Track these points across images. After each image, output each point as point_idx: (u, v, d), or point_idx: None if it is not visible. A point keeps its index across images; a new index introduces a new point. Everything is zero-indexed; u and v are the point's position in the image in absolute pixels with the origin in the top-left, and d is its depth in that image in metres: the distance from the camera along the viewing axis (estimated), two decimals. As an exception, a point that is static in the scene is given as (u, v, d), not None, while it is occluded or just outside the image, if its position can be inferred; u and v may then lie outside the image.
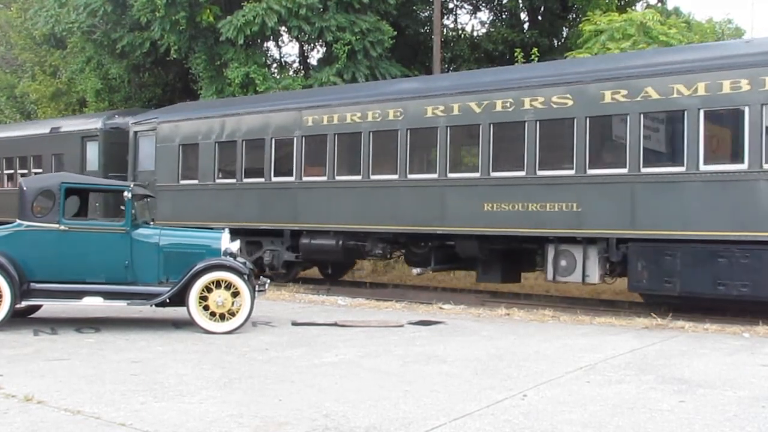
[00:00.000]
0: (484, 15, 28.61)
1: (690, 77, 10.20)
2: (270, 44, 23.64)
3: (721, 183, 10.00)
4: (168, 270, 8.99)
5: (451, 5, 27.21)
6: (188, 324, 8.89)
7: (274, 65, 24.28)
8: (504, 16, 27.16)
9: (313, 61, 23.80)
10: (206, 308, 8.72)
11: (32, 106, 30.32)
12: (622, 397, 5.68)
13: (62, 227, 8.84)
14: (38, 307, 9.81)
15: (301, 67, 24.55)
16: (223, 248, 9.11)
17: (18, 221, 8.97)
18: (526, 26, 25.89)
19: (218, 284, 8.75)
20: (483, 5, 27.52)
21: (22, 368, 6.56)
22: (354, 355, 7.35)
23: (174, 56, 21.67)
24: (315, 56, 24.13)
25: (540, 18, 25.50)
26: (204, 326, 8.67)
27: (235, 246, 9.35)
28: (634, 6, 23.33)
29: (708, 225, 10.00)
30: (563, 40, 25.03)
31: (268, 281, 9.88)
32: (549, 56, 20.89)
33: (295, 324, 9.44)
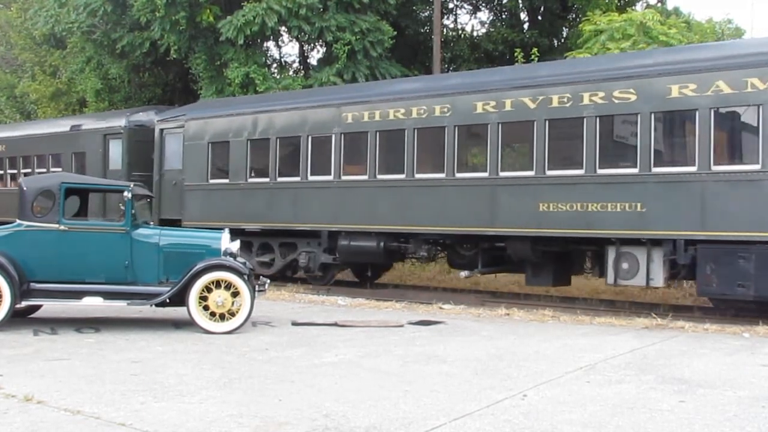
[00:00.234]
0: (484, 15, 28.69)
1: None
2: (270, 44, 23.69)
3: None
4: (168, 270, 8.99)
5: (451, 5, 27.23)
6: (188, 324, 8.89)
7: (274, 65, 24.30)
8: (504, 16, 27.18)
9: (313, 61, 23.83)
10: (206, 308, 8.73)
11: (32, 106, 30.33)
12: (622, 397, 5.68)
13: (62, 227, 8.84)
14: (38, 307, 9.81)
15: (301, 67, 24.56)
16: (223, 248, 9.12)
17: (18, 221, 8.98)
18: (526, 26, 25.90)
19: (218, 284, 8.76)
20: (483, 5, 27.54)
21: (22, 368, 6.56)
22: (354, 355, 7.35)
23: (174, 56, 21.68)
24: (315, 56, 24.19)
25: (540, 18, 25.51)
26: (204, 326, 8.67)
27: (235, 246, 9.35)
28: (634, 6, 23.34)
29: None
30: (563, 40, 25.04)
31: (268, 281, 9.88)
32: (549, 56, 20.89)
33: (295, 324, 9.44)
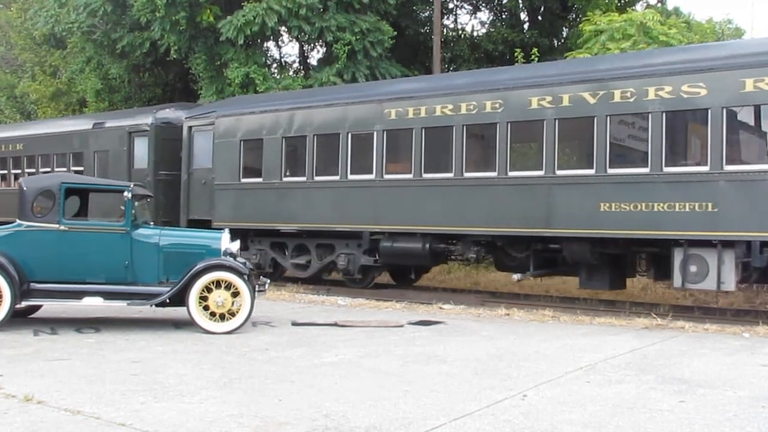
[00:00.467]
0: (484, 15, 28.70)
1: None
2: (270, 44, 23.69)
3: None
4: (168, 270, 9.00)
5: (451, 5, 27.22)
6: (188, 324, 8.89)
7: (274, 65, 24.30)
8: (504, 16, 27.17)
9: (313, 61, 23.84)
10: (206, 308, 8.73)
11: (32, 106, 30.33)
12: (622, 397, 5.68)
13: (62, 227, 8.84)
14: (38, 307, 9.81)
15: (301, 67, 24.57)
16: (223, 248, 9.13)
17: (18, 221, 8.98)
18: (526, 26, 25.89)
19: (218, 284, 8.76)
20: (483, 5, 27.53)
21: (22, 368, 6.56)
22: (354, 355, 7.35)
23: (174, 56, 21.68)
24: (315, 56, 24.20)
25: (540, 18, 25.50)
26: (204, 326, 8.67)
27: (235, 246, 9.36)
28: (634, 6, 23.33)
29: None
30: (563, 40, 25.03)
31: (268, 281, 9.89)
32: (549, 56, 20.89)
33: (295, 324, 9.44)
